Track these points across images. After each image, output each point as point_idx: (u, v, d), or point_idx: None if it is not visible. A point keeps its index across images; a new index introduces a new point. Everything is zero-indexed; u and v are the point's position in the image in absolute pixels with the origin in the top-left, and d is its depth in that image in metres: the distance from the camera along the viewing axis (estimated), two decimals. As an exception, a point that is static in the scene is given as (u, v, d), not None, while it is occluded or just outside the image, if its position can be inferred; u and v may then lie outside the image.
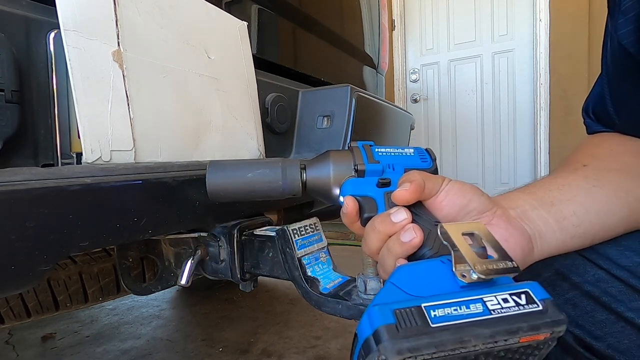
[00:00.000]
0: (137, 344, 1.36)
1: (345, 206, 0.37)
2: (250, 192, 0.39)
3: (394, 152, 0.40)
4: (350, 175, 0.39)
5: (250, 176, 0.39)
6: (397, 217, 0.33)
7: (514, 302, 0.25)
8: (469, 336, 0.23)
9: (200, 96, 0.56)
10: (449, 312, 0.24)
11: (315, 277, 0.54)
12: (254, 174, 0.39)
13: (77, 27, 0.40)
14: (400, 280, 0.28)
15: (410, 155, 0.41)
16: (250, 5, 0.79)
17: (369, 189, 0.38)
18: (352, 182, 0.38)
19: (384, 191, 0.37)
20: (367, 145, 0.40)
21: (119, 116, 0.44)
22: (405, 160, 0.40)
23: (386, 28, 1.50)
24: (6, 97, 0.37)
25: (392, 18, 3.03)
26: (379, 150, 0.40)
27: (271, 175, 0.39)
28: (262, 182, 0.39)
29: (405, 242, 0.32)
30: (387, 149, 0.40)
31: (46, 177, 0.33)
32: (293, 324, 1.48)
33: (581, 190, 0.38)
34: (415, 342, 0.23)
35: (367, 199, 0.37)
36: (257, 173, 0.39)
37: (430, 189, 0.35)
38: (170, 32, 0.52)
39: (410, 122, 1.33)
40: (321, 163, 0.40)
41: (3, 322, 0.69)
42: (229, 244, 0.59)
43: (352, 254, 2.43)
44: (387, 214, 0.34)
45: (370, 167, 0.38)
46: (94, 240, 0.38)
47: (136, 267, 0.69)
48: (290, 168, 0.39)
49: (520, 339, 0.23)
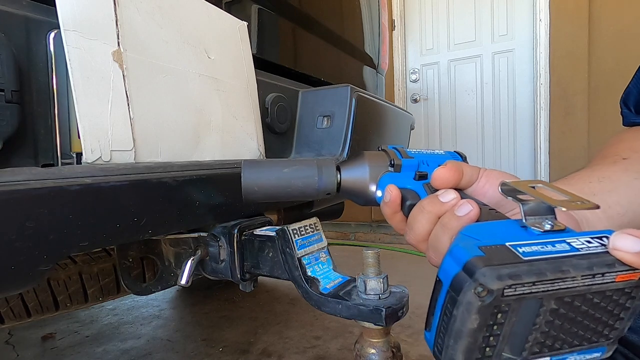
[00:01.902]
0: (137, 344, 1.36)
1: (388, 194, 0.36)
2: (286, 189, 0.39)
3: (425, 152, 0.41)
4: (386, 170, 0.39)
5: (287, 172, 0.39)
6: (446, 197, 0.32)
7: (598, 243, 0.23)
8: (568, 266, 0.22)
9: (200, 96, 0.56)
10: (536, 249, 0.23)
11: (315, 277, 0.54)
12: (290, 170, 0.39)
13: (77, 27, 0.40)
14: (473, 232, 0.26)
15: (441, 155, 0.41)
16: (250, 5, 0.79)
17: (408, 182, 0.38)
18: (390, 176, 0.38)
19: (423, 183, 0.37)
20: (399, 147, 0.41)
21: (119, 116, 0.44)
22: (437, 159, 0.40)
23: (386, 28, 1.50)
24: (6, 97, 0.37)
25: (392, 18, 3.03)
26: (410, 150, 0.40)
27: (307, 173, 0.39)
28: (298, 179, 0.38)
29: (461, 215, 0.30)
30: (418, 150, 0.41)
31: (46, 177, 0.33)
32: (293, 324, 1.48)
33: (622, 182, 0.38)
34: (515, 269, 0.21)
35: (407, 190, 0.37)
36: (293, 169, 0.39)
37: (469, 176, 0.35)
38: (170, 32, 0.52)
39: (410, 122, 1.33)
40: (356, 163, 0.40)
41: (3, 322, 0.69)
42: (229, 244, 0.59)
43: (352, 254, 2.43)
44: (434, 195, 0.33)
45: (406, 162, 0.38)
46: (94, 240, 0.38)
47: (136, 267, 0.69)
48: (326, 167, 0.39)
49: (616, 278, 0.22)
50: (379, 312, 0.44)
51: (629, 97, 0.47)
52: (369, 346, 0.48)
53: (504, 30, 2.74)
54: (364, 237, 3.07)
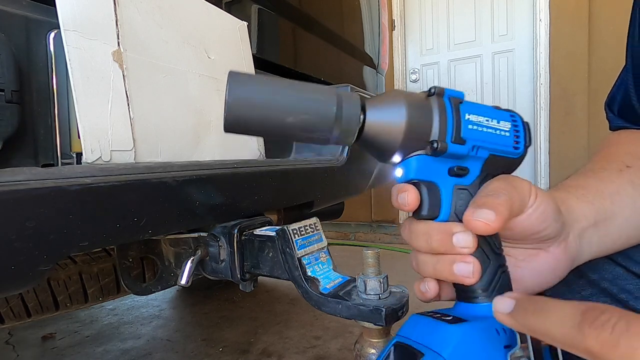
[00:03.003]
0: (137, 344, 1.36)
1: (405, 196, 0.28)
2: (286, 121, 0.25)
3: (486, 125, 0.29)
4: (421, 150, 0.28)
5: (293, 95, 0.26)
6: (460, 242, 0.27)
7: None
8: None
9: (200, 96, 0.56)
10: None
11: (315, 277, 0.54)
12: (298, 94, 0.26)
13: (77, 27, 0.40)
14: (417, 336, 0.27)
15: (503, 135, 0.29)
16: (250, 5, 0.79)
17: (438, 175, 0.29)
18: (421, 161, 0.28)
19: (455, 183, 0.29)
20: (457, 100, 0.28)
21: (119, 116, 0.44)
22: (495, 142, 0.29)
23: (386, 28, 1.50)
24: (6, 97, 0.37)
25: (392, 18, 3.03)
26: (469, 118, 0.28)
27: (321, 101, 0.26)
28: (308, 108, 0.26)
29: (457, 274, 0.27)
30: (479, 115, 0.28)
31: (46, 177, 0.33)
32: (293, 324, 1.48)
33: (629, 201, 0.36)
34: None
35: (430, 186, 0.28)
36: (302, 93, 0.26)
37: (516, 211, 0.28)
38: (170, 32, 0.52)
39: (410, 122, 1.33)
40: (391, 105, 0.27)
41: (3, 322, 0.69)
42: (229, 244, 0.59)
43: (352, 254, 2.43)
44: (449, 230, 0.27)
45: (453, 148, 0.27)
46: (94, 240, 0.38)
47: (136, 267, 0.69)
48: (349, 99, 0.26)
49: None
50: (379, 312, 0.44)
51: (613, 102, 0.47)
52: (369, 346, 0.48)
53: (504, 30, 2.74)
54: (364, 237, 3.07)
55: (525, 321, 0.21)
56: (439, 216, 0.29)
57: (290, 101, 0.26)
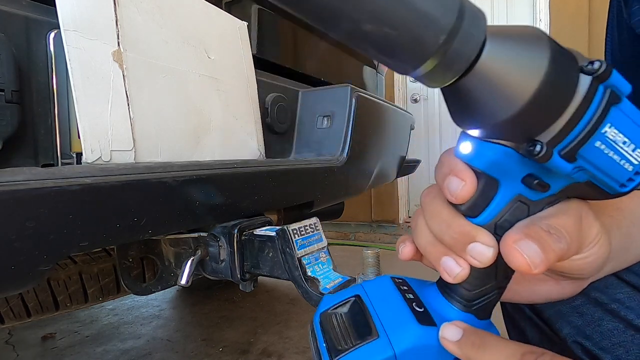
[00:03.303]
0: (137, 344, 1.36)
1: (459, 185, 0.21)
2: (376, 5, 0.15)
3: (618, 148, 0.19)
4: (510, 141, 0.20)
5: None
6: (476, 254, 0.22)
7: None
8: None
9: (200, 96, 0.56)
10: None
11: (315, 277, 0.54)
12: None
13: (77, 27, 0.40)
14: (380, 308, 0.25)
15: (624, 168, 0.20)
16: (250, 5, 0.79)
17: (508, 176, 0.21)
18: (505, 156, 0.20)
19: (520, 192, 0.22)
20: (614, 97, 0.18)
21: (119, 116, 0.44)
22: (610, 171, 0.20)
23: (386, 28, 1.50)
24: (6, 97, 0.37)
25: (392, 18, 3.02)
26: (607, 132, 0.19)
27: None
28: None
29: (443, 268, 0.23)
30: (622, 133, 0.19)
31: (46, 177, 0.33)
32: (293, 324, 1.48)
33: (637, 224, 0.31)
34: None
35: (491, 183, 0.22)
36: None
37: (565, 257, 0.22)
38: (170, 32, 0.52)
39: (410, 122, 1.33)
40: (527, 45, 0.18)
41: (3, 322, 0.69)
42: (229, 244, 0.59)
43: (352, 254, 2.43)
44: (471, 235, 0.22)
45: (555, 163, 0.19)
46: (94, 240, 0.38)
47: (136, 267, 0.69)
48: (473, 8, 0.17)
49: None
50: (379, 312, 0.44)
51: None
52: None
53: (504, 30, 2.74)
54: (364, 237, 3.07)
55: (469, 353, 0.21)
56: (477, 218, 0.22)
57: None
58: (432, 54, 0.16)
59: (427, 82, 0.18)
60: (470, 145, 0.21)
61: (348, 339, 0.24)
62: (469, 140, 0.21)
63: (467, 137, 0.21)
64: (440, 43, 0.16)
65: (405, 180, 3.06)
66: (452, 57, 0.17)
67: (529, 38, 0.18)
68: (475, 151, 0.21)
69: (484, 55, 0.17)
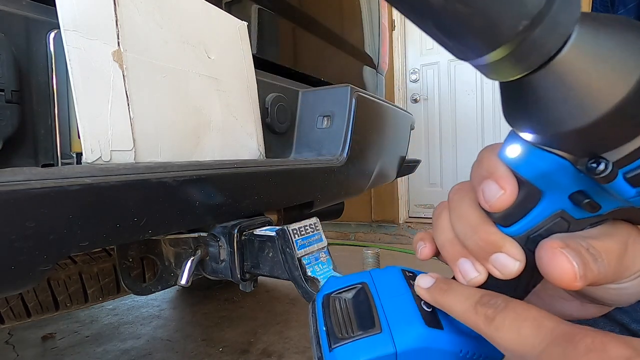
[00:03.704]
0: (137, 344, 1.36)
1: (497, 193, 0.19)
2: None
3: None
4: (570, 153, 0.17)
5: None
6: (498, 265, 0.21)
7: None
8: None
9: (200, 96, 0.56)
10: None
11: (315, 277, 0.54)
12: None
13: (77, 27, 0.40)
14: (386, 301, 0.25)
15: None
16: (250, 5, 0.79)
17: (556, 190, 0.19)
18: (559, 169, 0.18)
19: (565, 208, 0.20)
20: None
21: (119, 116, 0.44)
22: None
23: (386, 28, 1.50)
24: (6, 97, 0.37)
25: (392, 18, 3.03)
26: None
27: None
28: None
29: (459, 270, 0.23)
30: None
31: (46, 177, 0.33)
32: (293, 324, 1.48)
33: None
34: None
35: (534, 194, 0.19)
36: None
37: (603, 282, 0.20)
38: (170, 32, 0.52)
39: (410, 122, 1.33)
40: (620, 39, 0.14)
41: (3, 322, 0.69)
42: (229, 244, 0.59)
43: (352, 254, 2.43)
44: (497, 244, 0.20)
45: (617, 186, 0.16)
46: (94, 240, 0.38)
47: (136, 267, 0.69)
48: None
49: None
50: (379, 312, 0.44)
51: None
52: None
53: (504, 30, 2.74)
54: (364, 237, 3.07)
55: (437, 297, 0.23)
56: (508, 228, 0.21)
57: None
58: (506, 41, 0.13)
59: (488, 72, 0.16)
60: (520, 149, 0.18)
61: (349, 327, 0.24)
62: (519, 143, 0.18)
63: (518, 139, 0.18)
64: (519, 30, 0.13)
65: (405, 180, 3.06)
66: (528, 48, 0.14)
67: (627, 30, 0.14)
68: (524, 158, 0.18)
69: (566, 50, 0.14)
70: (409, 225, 2.96)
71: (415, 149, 2.98)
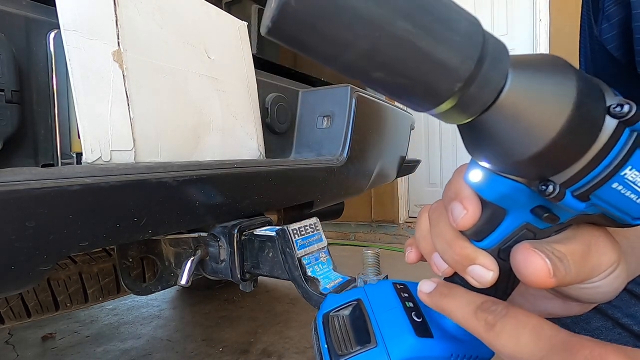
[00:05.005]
0: (137, 344, 1.36)
1: (462, 213, 0.21)
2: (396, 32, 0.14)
3: (637, 189, 0.18)
4: (521, 177, 0.19)
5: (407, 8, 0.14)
6: (475, 276, 0.22)
7: None
8: None
9: (200, 96, 0.56)
10: None
11: (315, 277, 0.54)
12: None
13: (77, 27, 0.40)
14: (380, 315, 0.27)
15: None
16: (250, 5, 0.79)
17: (517, 207, 0.21)
18: (515, 191, 0.20)
19: (529, 220, 0.21)
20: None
21: (119, 116, 0.44)
22: (625, 207, 0.19)
23: (386, 28, 1.50)
24: (6, 97, 0.37)
25: (392, 18, 3.02)
26: (627, 175, 0.18)
27: (466, 22, 0.16)
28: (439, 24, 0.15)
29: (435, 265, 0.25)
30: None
31: (46, 177, 0.33)
32: (293, 324, 1.48)
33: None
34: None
35: (498, 213, 0.21)
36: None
37: (576, 279, 0.21)
38: (170, 32, 0.52)
39: (410, 122, 1.33)
40: (552, 77, 0.17)
41: (3, 322, 0.69)
42: (229, 244, 0.59)
43: (352, 254, 2.43)
44: (471, 257, 0.22)
45: (568, 202, 0.18)
46: (94, 240, 0.38)
47: (136, 267, 0.69)
48: (494, 39, 0.17)
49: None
50: (379, 312, 0.44)
51: None
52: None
53: (504, 30, 2.74)
54: (364, 237, 3.07)
55: (438, 301, 0.23)
56: (480, 242, 0.22)
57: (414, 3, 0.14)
58: (447, 98, 0.16)
59: (442, 119, 0.18)
60: (481, 174, 0.20)
61: (348, 343, 0.26)
62: (479, 169, 0.20)
63: (478, 165, 0.20)
64: (455, 90, 0.15)
65: (405, 180, 3.06)
66: (468, 101, 0.16)
67: (553, 71, 0.17)
68: (485, 183, 0.20)
69: (504, 94, 0.16)
70: (409, 225, 2.96)
71: (415, 149, 2.97)
